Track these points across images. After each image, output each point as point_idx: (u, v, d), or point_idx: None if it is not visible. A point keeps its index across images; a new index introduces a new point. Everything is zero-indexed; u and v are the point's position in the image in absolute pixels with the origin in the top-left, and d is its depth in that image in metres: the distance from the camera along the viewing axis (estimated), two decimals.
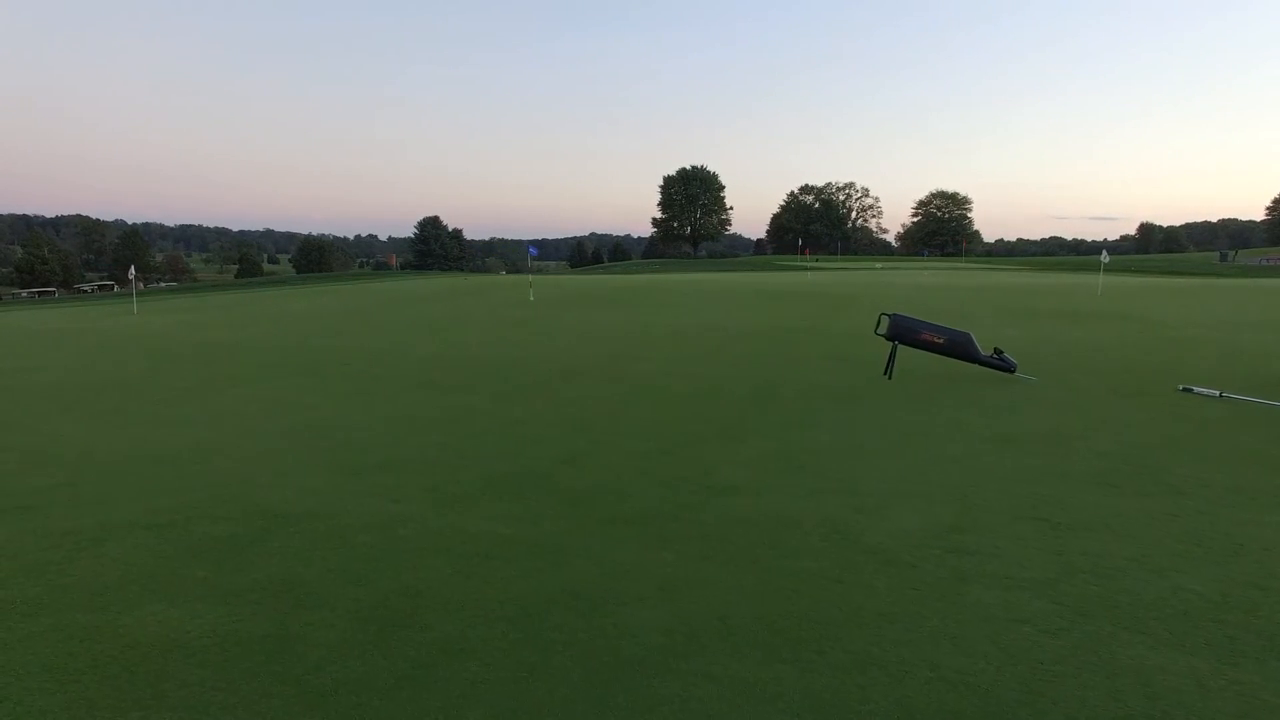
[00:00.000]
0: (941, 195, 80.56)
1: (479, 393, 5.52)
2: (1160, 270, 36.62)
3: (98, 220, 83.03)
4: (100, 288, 42.89)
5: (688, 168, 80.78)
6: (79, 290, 42.25)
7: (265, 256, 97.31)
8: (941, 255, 74.12)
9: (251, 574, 2.31)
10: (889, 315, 5.95)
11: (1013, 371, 5.80)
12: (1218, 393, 4.96)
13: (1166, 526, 2.62)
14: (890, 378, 5.73)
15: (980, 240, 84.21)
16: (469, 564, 2.39)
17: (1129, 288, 17.61)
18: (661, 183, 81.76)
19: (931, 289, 17.42)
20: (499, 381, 5.94)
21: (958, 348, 5.85)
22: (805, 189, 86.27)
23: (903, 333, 5.87)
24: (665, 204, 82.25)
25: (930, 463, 3.49)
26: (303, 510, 2.97)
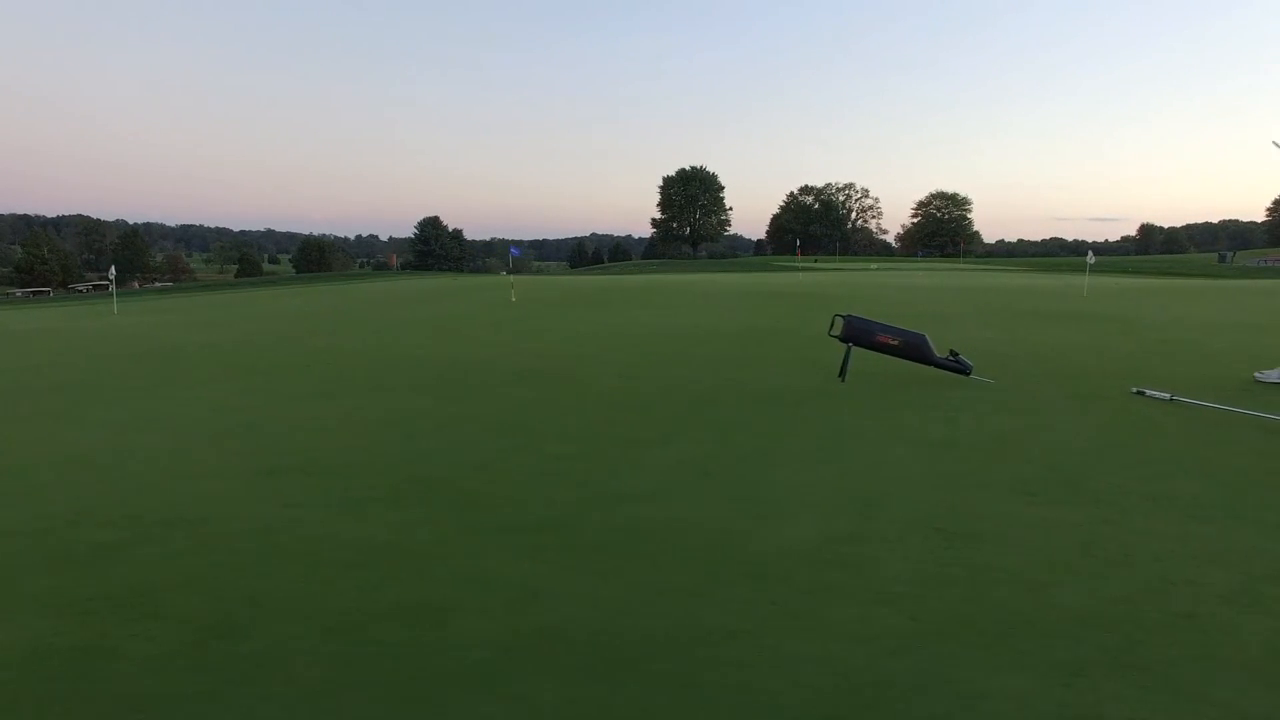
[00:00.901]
0: (941, 196, 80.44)
1: (428, 395, 5.43)
2: (1157, 271, 36.49)
3: (98, 220, 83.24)
4: (95, 288, 42.95)
5: (687, 168, 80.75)
6: (73, 290, 42.41)
7: (266, 257, 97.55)
8: (941, 256, 73.94)
9: (105, 583, 2.23)
10: (843, 317, 5.85)
11: (968, 374, 5.69)
12: (1168, 396, 4.85)
13: (1066, 537, 2.53)
14: (844, 380, 5.63)
15: (980, 241, 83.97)
16: (330, 572, 2.31)
17: (1119, 289, 17.48)
18: (661, 183, 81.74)
19: (920, 289, 17.31)
20: (453, 384, 5.85)
21: (912, 349, 5.73)
22: (805, 189, 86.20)
23: (857, 334, 5.77)
24: (665, 204, 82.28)
25: (852, 469, 3.39)
26: (195, 515, 2.89)
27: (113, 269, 14.00)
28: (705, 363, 6.81)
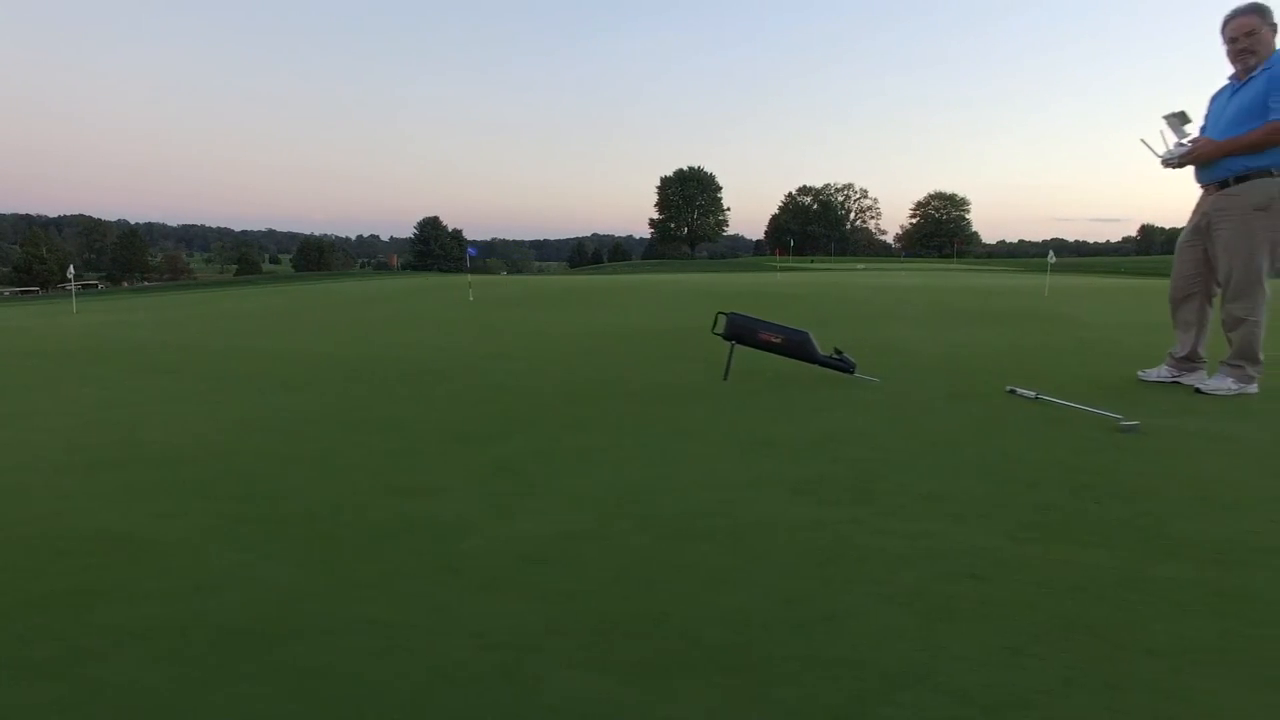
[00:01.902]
0: (940, 196, 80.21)
1: (312, 393, 5.45)
2: (1152, 272, 36.30)
3: (99, 220, 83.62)
4: (85, 287, 43.32)
5: (685, 169, 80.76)
6: (61, 289, 42.84)
7: (266, 257, 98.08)
8: (939, 256, 73.64)
9: None
10: (726, 314, 5.85)
11: (851, 372, 5.69)
12: (1034, 394, 4.85)
13: (795, 538, 2.53)
14: (727, 379, 5.63)
15: (979, 242, 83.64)
16: (31, 560, 2.36)
17: (1083, 289, 17.41)
18: (659, 184, 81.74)
19: (885, 289, 17.28)
20: (346, 382, 5.88)
21: (796, 347, 5.73)
22: (803, 190, 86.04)
23: (740, 332, 5.77)
24: (662, 205, 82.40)
25: (654, 467, 3.40)
26: None
27: (70, 268, 14.15)
28: (611, 360, 6.83)
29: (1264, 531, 2.50)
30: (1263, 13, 4.71)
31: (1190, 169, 5.18)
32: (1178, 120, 5.06)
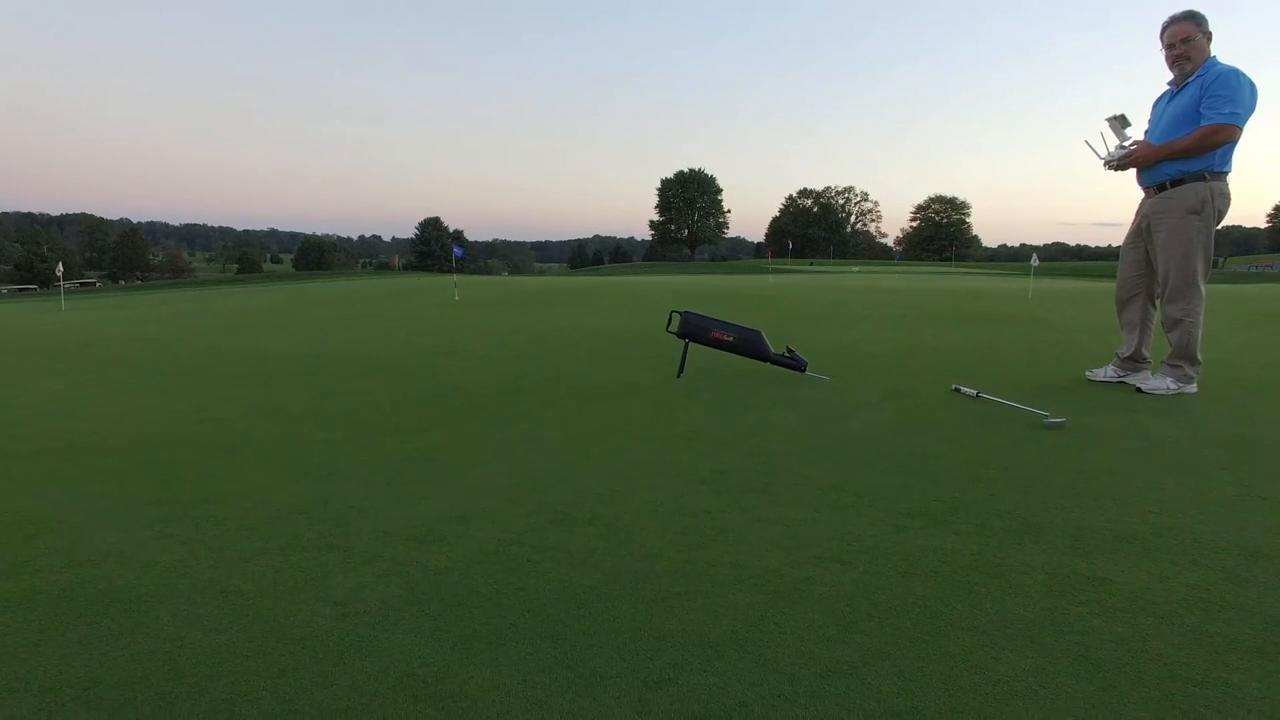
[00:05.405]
0: (940, 200, 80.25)
1: (271, 389, 5.52)
2: None
3: (101, 219, 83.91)
4: (82, 285, 43.55)
5: (685, 170, 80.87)
6: (55, 286, 43.10)
7: (268, 256, 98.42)
8: (939, 260, 73.62)
9: None
10: (680, 313, 5.91)
11: (803, 370, 5.75)
12: (975, 393, 4.91)
13: (672, 522, 2.60)
14: (680, 377, 5.69)
15: (979, 245, 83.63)
16: None
17: (1070, 292, 17.42)
18: (659, 185, 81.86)
19: (868, 291, 17.31)
20: (309, 378, 5.94)
21: (748, 345, 5.80)
22: (804, 193, 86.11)
23: (693, 331, 5.83)
24: (663, 207, 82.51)
25: (558, 458, 3.47)
26: None
27: (60, 265, 14.27)
28: (568, 358, 6.89)
29: (1131, 521, 2.57)
30: (1198, 20, 4.78)
31: (1133, 171, 5.25)
32: (1119, 123, 5.12)
